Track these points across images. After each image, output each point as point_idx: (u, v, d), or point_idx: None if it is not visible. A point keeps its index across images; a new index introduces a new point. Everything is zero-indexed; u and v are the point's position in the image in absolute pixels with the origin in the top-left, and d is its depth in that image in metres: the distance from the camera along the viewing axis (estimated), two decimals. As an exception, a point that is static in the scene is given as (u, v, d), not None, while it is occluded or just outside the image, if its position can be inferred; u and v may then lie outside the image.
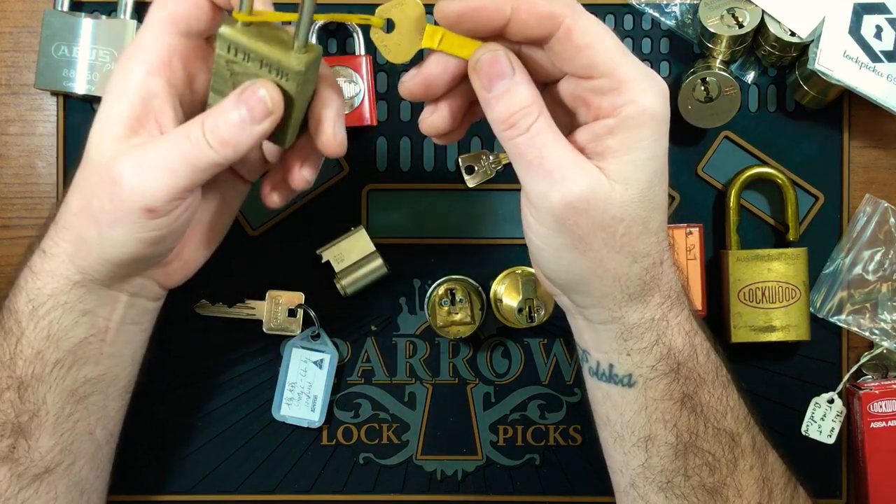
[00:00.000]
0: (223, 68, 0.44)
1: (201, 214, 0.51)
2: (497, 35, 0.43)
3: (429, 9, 0.43)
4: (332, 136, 0.46)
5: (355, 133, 0.62)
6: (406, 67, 0.61)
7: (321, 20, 0.58)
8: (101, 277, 0.48)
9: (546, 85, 0.46)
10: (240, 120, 0.43)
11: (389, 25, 0.44)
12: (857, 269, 0.63)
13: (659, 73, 0.62)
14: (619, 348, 0.48)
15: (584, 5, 0.61)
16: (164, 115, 0.45)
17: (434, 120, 0.47)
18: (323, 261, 0.61)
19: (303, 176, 0.49)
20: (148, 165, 0.43)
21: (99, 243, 0.46)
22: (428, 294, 0.62)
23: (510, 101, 0.43)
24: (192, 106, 0.47)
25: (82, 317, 0.48)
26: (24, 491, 0.49)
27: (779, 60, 0.61)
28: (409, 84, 0.45)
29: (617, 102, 0.42)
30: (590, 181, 0.42)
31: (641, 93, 0.42)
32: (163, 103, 0.45)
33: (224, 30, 0.42)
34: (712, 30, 0.59)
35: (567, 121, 0.46)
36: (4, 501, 0.49)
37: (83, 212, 0.46)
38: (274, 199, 0.50)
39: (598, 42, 0.42)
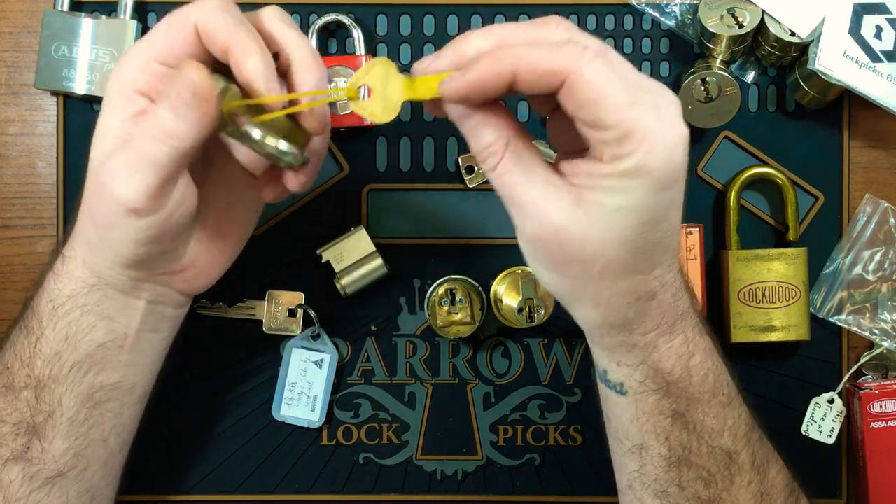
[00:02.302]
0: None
1: (212, 220, 0.51)
2: (508, 92, 0.42)
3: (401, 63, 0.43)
4: (309, 114, 0.46)
5: (355, 133, 0.63)
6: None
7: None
8: (114, 282, 0.48)
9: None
10: (173, 108, 0.43)
11: (366, 91, 0.44)
12: (857, 269, 0.63)
13: (659, 73, 0.63)
14: (609, 357, 0.48)
15: (584, 6, 0.62)
16: None
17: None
18: (323, 261, 0.61)
19: (298, 179, 0.48)
20: (123, 167, 0.44)
21: (101, 246, 0.47)
22: (428, 294, 0.62)
23: (476, 141, 0.43)
24: None
25: (100, 321, 0.49)
26: (36, 493, 0.49)
27: (779, 60, 0.61)
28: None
29: (617, 153, 0.40)
30: (563, 218, 0.41)
31: (645, 149, 0.40)
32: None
33: (229, 112, 0.44)
34: (712, 30, 0.59)
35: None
36: (16, 502, 0.49)
37: (86, 217, 0.47)
38: (266, 194, 0.50)
39: (603, 97, 0.39)
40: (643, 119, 0.40)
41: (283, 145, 0.45)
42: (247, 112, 0.44)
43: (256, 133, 0.44)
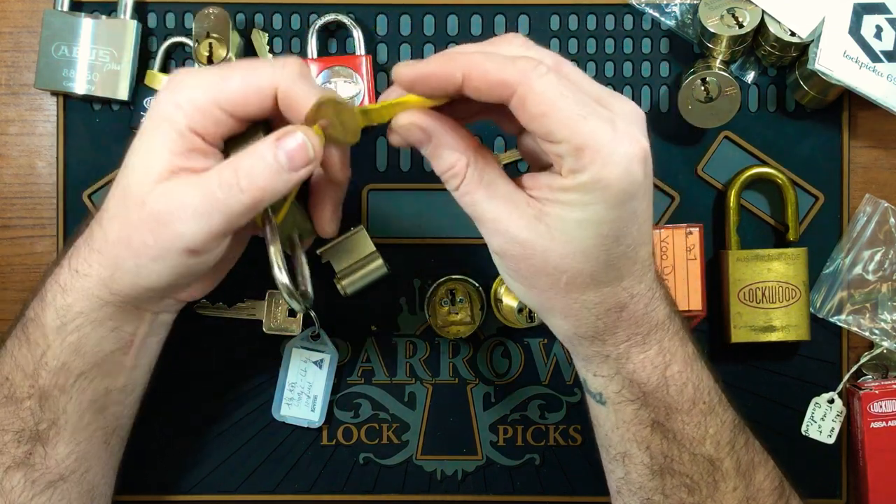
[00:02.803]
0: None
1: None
2: (457, 97, 0.43)
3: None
4: (326, 222, 0.49)
5: (355, 133, 0.63)
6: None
7: None
8: (133, 300, 0.48)
9: None
10: (276, 166, 0.43)
11: (327, 123, 0.44)
12: (857, 269, 0.63)
13: (659, 73, 0.63)
14: (586, 368, 0.49)
15: (584, 6, 0.62)
16: (209, 154, 0.45)
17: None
18: (323, 261, 0.61)
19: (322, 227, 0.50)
20: (190, 211, 0.43)
21: (136, 273, 0.46)
22: (428, 294, 0.62)
23: (437, 164, 0.44)
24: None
25: (110, 332, 0.48)
26: (38, 497, 0.49)
27: (779, 60, 0.61)
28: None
29: (573, 167, 0.41)
30: (526, 232, 0.42)
31: (600, 162, 0.40)
32: (207, 158, 0.45)
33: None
34: (712, 30, 0.59)
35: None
36: None
37: (121, 243, 0.45)
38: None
39: (554, 110, 0.40)
40: (597, 133, 0.40)
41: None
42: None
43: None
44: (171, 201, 0.43)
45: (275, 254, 0.46)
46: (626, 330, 0.46)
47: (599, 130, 0.40)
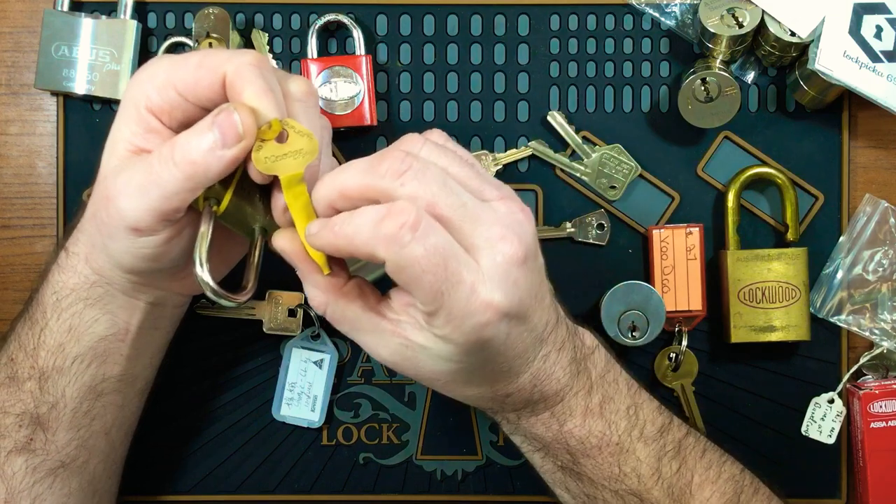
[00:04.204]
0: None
1: (217, 237, 0.51)
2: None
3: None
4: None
5: (355, 133, 0.63)
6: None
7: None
8: (115, 282, 0.49)
9: None
10: (210, 141, 0.43)
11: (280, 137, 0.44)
12: (857, 269, 0.63)
13: (659, 73, 0.63)
14: (493, 419, 0.52)
15: (584, 6, 0.62)
16: (167, 137, 0.45)
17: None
18: (323, 261, 0.61)
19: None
20: (132, 186, 0.44)
21: (104, 251, 0.47)
22: (428, 294, 0.62)
23: (305, 291, 0.47)
24: None
25: (103, 315, 0.49)
26: (39, 485, 0.50)
27: (779, 60, 0.61)
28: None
29: (430, 322, 0.43)
30: (396, 357, 0.45)
31: (450, 327, 0.42)
32: (163, 127, 0.45)
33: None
34: (712, 30, 0.59)
35: None
36: (18, 493, 0.49)
37: (92, 219, 0.47)
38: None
39: (418, 284, 0.41)
40: (451, 301, 0.41)
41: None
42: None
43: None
44: (119, 178, 0.44)
45: (199, 243, 0.45)
46: (512, 407, 0.49)
47: (455, 299, 0.41)
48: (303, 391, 0.62)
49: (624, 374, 0.51)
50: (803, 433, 0.62)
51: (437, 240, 0.40)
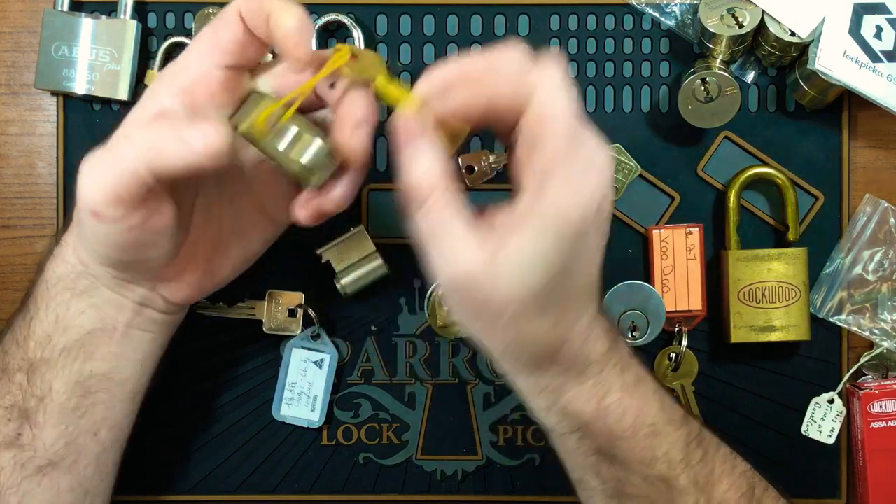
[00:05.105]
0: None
1: (211, 241, 0.51)
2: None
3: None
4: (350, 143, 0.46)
5: (355, 133, 0.63)
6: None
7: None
8: (98, 276, 0.49)
9: None
10: (187, 141, 0.42)
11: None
12: (857, 269, 0.63)
13: (659, 73, 0.63)
14: (527, 399, 0.49)
15: (584, 6, 0.62)
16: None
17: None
18: (323, 261, 0.61)
19: (332, 199, 0.47)
20: (96, 168, 0.43)
21: (82, 239, 0.48)
22: (428, 294, 0.62)
23: (415, 168, 0.43)
24: None
25: (89, 308, 0.49)
26: (27, 482, 0.49)
27: (779, 60, 0.61)
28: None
29: (537, 189, 0.41)
30: (477, 267, 0.41)
31: (565, 193, 0.41)
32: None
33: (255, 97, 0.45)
34: (712, 30, 0.59)
35: None
36: (7, 490, 0.49)
37: (76, 208, 0.47)
38: (299, 213, 0.48)
39: (554, 122, 0.41)
40: (573, 161, 0.41)
41: (308, 157, 0.44)
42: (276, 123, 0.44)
43: (282, 140, 0.44)
44: (87, 160, 0.44)
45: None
46: (562, 365, 0.46)
47: (575, 161, 0.41)
48: (303, 391, 0.62)
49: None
50: (803, 433, 0.62)
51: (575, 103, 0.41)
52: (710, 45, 0.60)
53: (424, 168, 0.42)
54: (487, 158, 0.62)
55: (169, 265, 0.50)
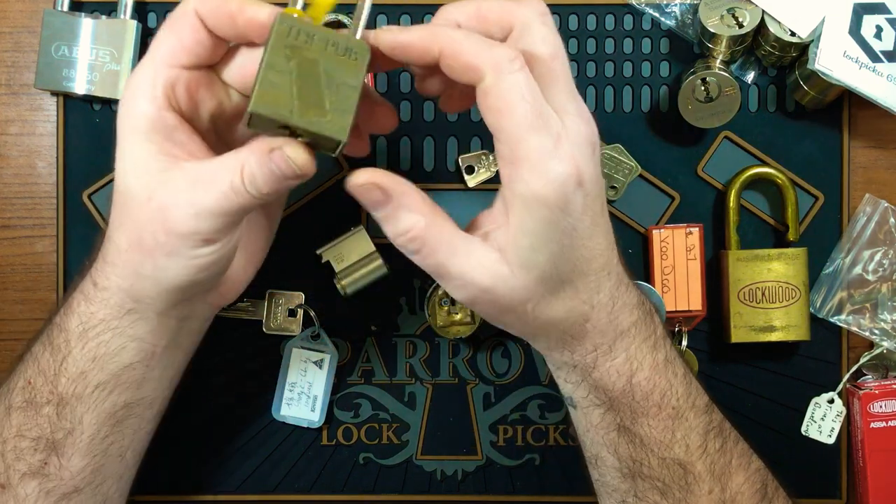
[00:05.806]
0: (280, 53, 0.42)
1: (254, 237, 0.52)
2: (434, 68, 0.43)
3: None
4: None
5: (355, 133, 0.63)
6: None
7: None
8: (155, 305, 0.47)
9: None
10: (279, 174, 0.43)
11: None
12: (857, 269, 0.63)
13: (659, 73, 0.63)
14: (557, 374, 0.51)
15: (584, 6, 0.62)
16: (192, 142, 0.45)
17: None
18: (323, 261, 0.61)
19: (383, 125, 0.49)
20: (199, 205, 0.43)
21: (154, 275, 0.45)
22: (428, 294, 0.62)
23: (393, 227, 0.44)
24: (203, 127, 0.47)
25: (131, 342, 0.48)
26: None
27: (779, 60, 0.61)
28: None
29: (512, 176, 0.42)
30: (491, 280, 0.43)
31: (535, 175, 0.41)
32: (183, 133, 0.45)
33: (287, 14, 0.42)
34: (712, 30, 0.59)
35: None
36: None
37: (134, 248, 0.45)
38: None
39: (511, 110, 0.41)
40: (537, 147, 0.41)
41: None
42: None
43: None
44: (181, 196, 0.43)
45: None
46: (592, 339, 0.47)
47: (540, 145, 0.41)
48: (303, 391, 0.62)
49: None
50: (803, 433, 0.62)
51: (558, 72, 0.42)
52: (710, 45, 0.60)
53: (405, 226, 0.43)
54: (487, 158, 0.62)
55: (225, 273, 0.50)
